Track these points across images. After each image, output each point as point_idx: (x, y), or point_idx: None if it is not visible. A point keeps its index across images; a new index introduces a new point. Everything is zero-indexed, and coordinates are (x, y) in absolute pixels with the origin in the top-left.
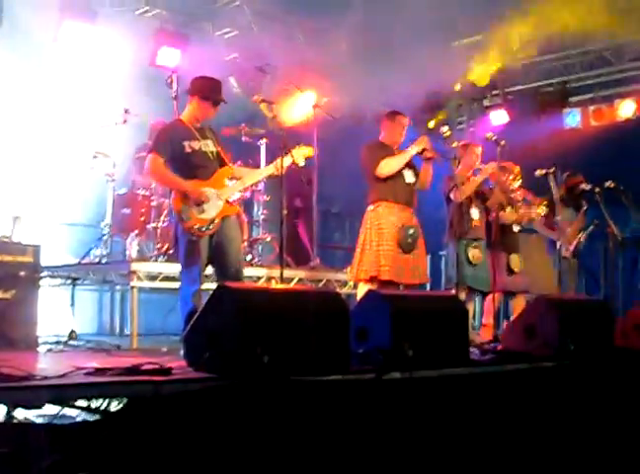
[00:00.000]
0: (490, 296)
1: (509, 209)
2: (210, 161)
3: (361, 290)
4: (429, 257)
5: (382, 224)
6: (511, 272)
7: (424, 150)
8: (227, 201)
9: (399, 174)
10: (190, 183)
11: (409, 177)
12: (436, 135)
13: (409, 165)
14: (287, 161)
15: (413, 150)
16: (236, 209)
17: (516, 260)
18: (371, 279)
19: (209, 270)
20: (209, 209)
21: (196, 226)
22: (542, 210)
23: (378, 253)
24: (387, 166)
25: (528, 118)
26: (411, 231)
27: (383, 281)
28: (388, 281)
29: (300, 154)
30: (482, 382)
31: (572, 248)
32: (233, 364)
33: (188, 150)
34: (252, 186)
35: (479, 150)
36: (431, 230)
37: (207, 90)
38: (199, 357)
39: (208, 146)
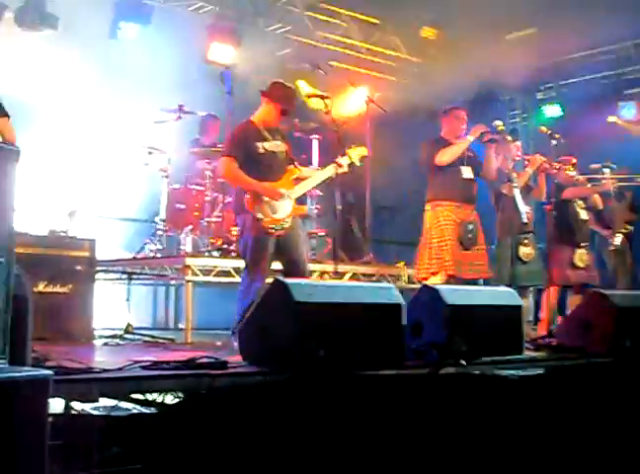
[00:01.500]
0: (547, 291)
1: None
2: (281, 161)
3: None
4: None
5: (441, 222)
6: (575, 266)
7: (482, 134)
8: (295, 202)
9: (456, 170)
10: (265, 184)
11: (466, 173)
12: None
13: (467, 161)
14: (345, 161)
15: (470, 137)
16: (304, 210)
17: (580, 255)
18: (434, 275)
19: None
20: (281, 209)
21: (270, 225)
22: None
23: (441, 249)
24: (446, 153)
25: (583, 111)
26: (470, 227)
27: (448, 276)
28: (452, 276)
29: (357, 154)
30: (536, 378)
31: (616, 241)
32: (288, 359)
33: (261, 151)
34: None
35: (519, 142)
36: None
37: (280, 98)
38: (253, 351)
39: (279, 146)
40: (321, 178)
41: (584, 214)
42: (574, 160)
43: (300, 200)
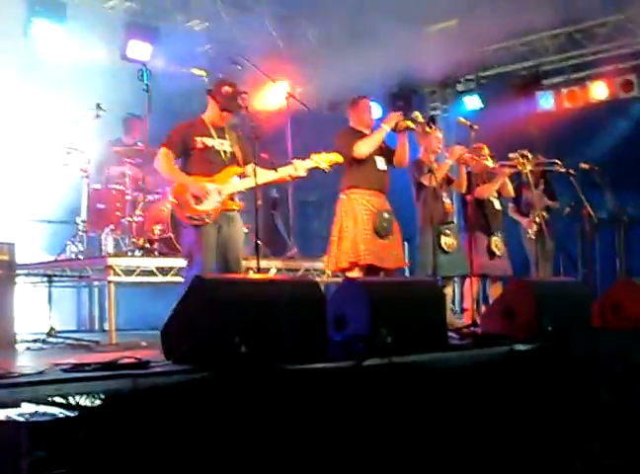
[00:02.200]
0: (468, 281)
1: (485, 185)
2: (221, 159)
3: None
4: (406, 243)
5: (356, 210)
6: (492, 254)
7: (397, 124)
8: (230, 198)
9: (370, 160)
10: (191, 178)
11: (380, 163)
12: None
13: (381, 152)
14: (305, 165)
15: (385, 126)
16: (238, 206)
17: (495, 242)
18: (351, 266)
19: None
20: (206, 203)
21: (187, 214)
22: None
23: (356, 238)
24: (363, 145)
25: (502, 102)
26: (386, 215)
27: (364, 266)
28: (369, 266)
29: (323, 159)
30: (461, 366)
31: (533, 229)
32: (211, 356)
33: (199, 146)
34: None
35: (439, 134)
36: (407, 216)
37: (220, 97)
38: (177, 350)
39: (223, 145)
40: (269, 178)
41: (497, 204)
42: (486, 149)
43: None
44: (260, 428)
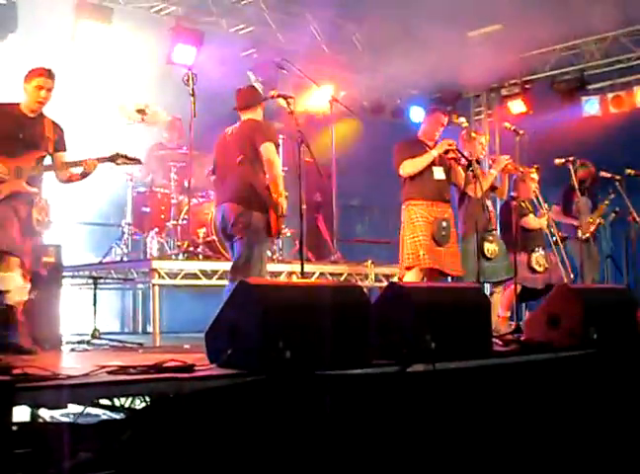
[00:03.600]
0: (508, 290)
1: (531, 216)
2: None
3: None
4: None
5: (414, 219)
6: (533, 270)
7: (447, 151)
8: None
9: (428, 171)
10: None
11: (438, 173)
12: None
13: (439, 162)
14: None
15: (434, 152)
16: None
17: (537, 258)
18: (409, 270)
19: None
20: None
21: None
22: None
23: (415, 244)
24: (408, 167)
25: (547, 106)
26: (444, 224)
27: (425, 270)
28: (431, 270)
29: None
30: (506, 373)
31: (587, 235)
32: (255, 360)
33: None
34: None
35: (484, 139)
36: None
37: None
38: (221, 354)
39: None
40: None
41: (535, 223)
42: (535, 173)
43: None
44: (302, 433)
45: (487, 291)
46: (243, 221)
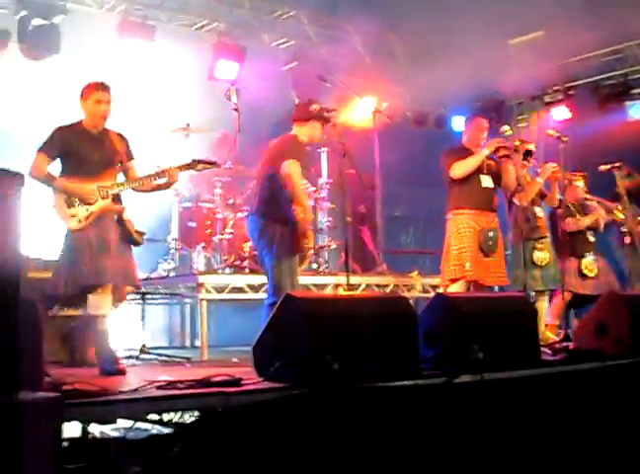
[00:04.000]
0: (557, 297)
1: (569, 219)
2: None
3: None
4: None
5: (461, 229)
6: (584, 276)
7: (497, 149)
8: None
9: (476, 179)
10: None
11: (486, 181)
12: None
13: (487, 170)
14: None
15: (485, 151)
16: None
17: (587, 264)
18: (454, 282)
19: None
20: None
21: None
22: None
23: (461, 255)
24: (459, 167)
25: (591, 112)
26: (491, 234)
27: (469, 282)
28: (474, 281)
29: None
30: (555, 382)
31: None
32: (303, 373)
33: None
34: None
35: (533, 147)
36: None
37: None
38: (268, 367)
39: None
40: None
41: (573, 225)
42: (581, 180)
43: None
44: (351, 445)
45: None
46: (268, 234)
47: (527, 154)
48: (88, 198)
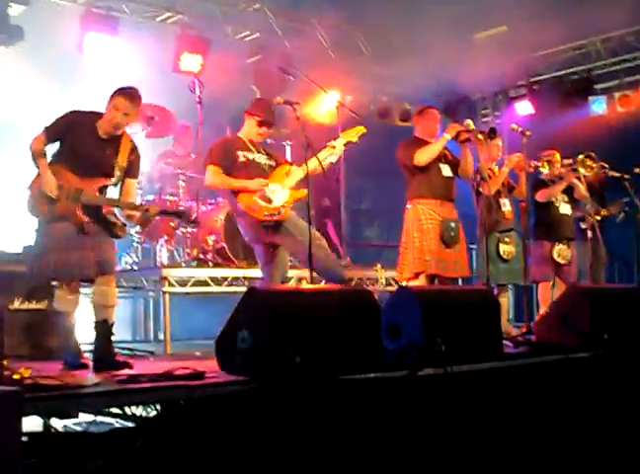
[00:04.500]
0: (541, 287)
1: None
2: (264, 170)
3: None
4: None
5: (422, 220)
6: (555, 263)
7: (458, 133)
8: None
9: (435, 168)
10: (249, 181)
11: (446, 171)
12: None
13: (445, 159)
14: (340, 142)
15: (447, 135)
16: (303, 193)
17: (559, 250)
18: (417, 276)
19: None
20: (276, 199)
21: (266, 213)
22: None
23: (422, 248)
24: (424, 153)
25: (554, 107)
26: (452, 224)
27: (429, 276)
28: (434, 275)
29: (352, 134)
30: (517, 375)
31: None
32: (265, 366)
33: (242, 159)
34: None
35: (499, 142)
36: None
37: (257, 111)
38: (231, 360)
39: (262, 159)
40: (321, 159)
41: (565, 208)
42: (557, 155)
43: None
44: (313, 438)
45: None
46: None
47: (492, 133)
48: (57, 194)
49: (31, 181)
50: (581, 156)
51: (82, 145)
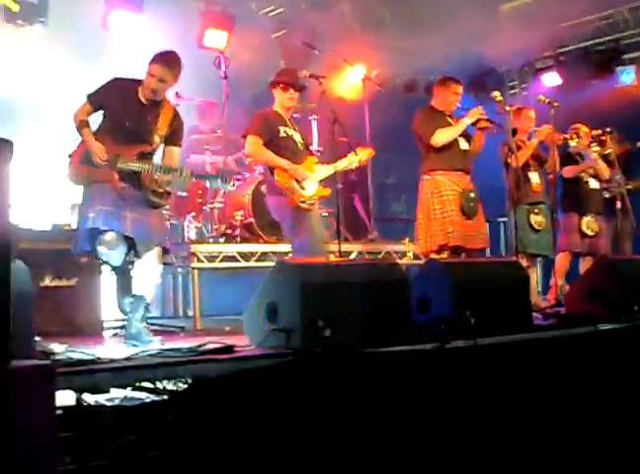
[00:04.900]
0: (558, 257)
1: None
2: (299, 149)
3: None
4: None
5: (442, 191)
6: (584, 235)
7: (478, 120)
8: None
9: (454, 141)
10: (288, 162)
11: (463, 144)
12: (487, 101)
13: (462, 133)
14: (354, 162)
15: (467, 120)
16: (328, 192)
17: (588, 222)
18: (440, 248)
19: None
20: (308, 187)
21: (301, 199)
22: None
23: (444, 219)
24: (442, 136)
25: (582, 78)
26: (472, 195)
27: (453, 247)
28: (456, 247)
29: (364, 154)
30: (547, 347)
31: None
32: (295, 340)
33: (282, 135)
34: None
35: (532, 113)
36: (489, 198)
37: (282, 76)
38: (260, 334)
39: (297, 136)
40: (342, 165)
41: (593, 183)
42: (584, 128)
43: None
44: (344, 411)
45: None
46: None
47: (513, 133)
48: (97, 162)
49: (71, 151)
50: (596, 131)
51: (122, 111)
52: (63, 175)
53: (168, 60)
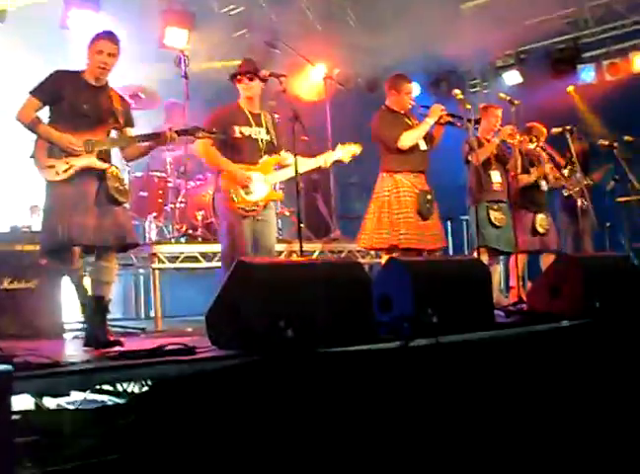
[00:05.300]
0: (513, 258)
1: (532, 170)
2: (259, 148)
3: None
4: (449, 222)
5: (401, 191)
6: (535, 232)
7: (440, 117)
8: (273, 188)
9: (415, 143)
10: (236, 166)
11: (423, 144)
12: (448, 99)
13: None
14: (333, 157)
15: (430, 121)
16: (279, 196)
17: (541, 220)
18: (390, 249)
19: None
20: (256, 192)
21: (240, 206)
22: (568, 173)
23: (398, 220)
24: (408, 139)
25: (543, 76)
26: (428, 197)
27: (403, 249)
28: (408, 249)
29: (347, 151)
30: (509, 344)
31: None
32: (256, 340)
33: (237, 135)
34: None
35: (499, 112)
36: (451, 196)
37: (240, 67)
38: (222, 335)
39: (260, 134)
40: (305, 168)
41: (544, 185)
42: (539, 127)
43: None
44: (306, 411)
45: None
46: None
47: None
48: (71, 151)
49: (32, 150)
50: (557, 129)
51: (76, 97)
52: (23, 176)
53: (112, 35)
